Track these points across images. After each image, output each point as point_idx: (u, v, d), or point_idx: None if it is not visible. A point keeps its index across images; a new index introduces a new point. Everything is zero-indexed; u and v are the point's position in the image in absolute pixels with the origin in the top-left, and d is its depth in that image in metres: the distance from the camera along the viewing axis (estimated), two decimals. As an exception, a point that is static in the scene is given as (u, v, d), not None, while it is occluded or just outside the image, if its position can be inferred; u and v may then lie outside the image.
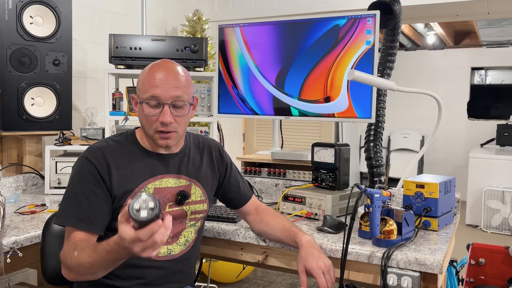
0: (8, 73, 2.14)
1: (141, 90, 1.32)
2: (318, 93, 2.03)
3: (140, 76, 1.35)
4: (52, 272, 1.46)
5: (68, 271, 1.20)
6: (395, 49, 2.06)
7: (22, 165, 2.33)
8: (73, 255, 1.17)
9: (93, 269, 1.13)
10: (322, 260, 1.35)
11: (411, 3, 3.39)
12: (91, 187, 1.28)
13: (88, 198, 1.27)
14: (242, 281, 3.38)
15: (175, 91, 1.29)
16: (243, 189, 1.59)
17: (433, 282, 1.31)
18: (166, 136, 1.32)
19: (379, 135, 2.05)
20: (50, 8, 2.22)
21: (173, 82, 1.29)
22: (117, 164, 1.31)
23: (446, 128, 6.97)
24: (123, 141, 1.38)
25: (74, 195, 1.28)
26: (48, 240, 1.47)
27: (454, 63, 7.07)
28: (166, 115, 1.28)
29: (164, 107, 1.29)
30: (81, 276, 1.19)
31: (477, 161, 5.18)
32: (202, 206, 1.45)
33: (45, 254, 1.47)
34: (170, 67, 1.32)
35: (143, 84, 1.31)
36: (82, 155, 1.33)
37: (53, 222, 1.47)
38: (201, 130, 2.38)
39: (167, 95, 1.28)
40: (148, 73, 1.31)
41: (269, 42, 2.12)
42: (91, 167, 1.29)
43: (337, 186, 1.81)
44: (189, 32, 3.45)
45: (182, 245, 1.41)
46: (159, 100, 1.28)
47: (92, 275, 1.16)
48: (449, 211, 1.69)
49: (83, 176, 1.29)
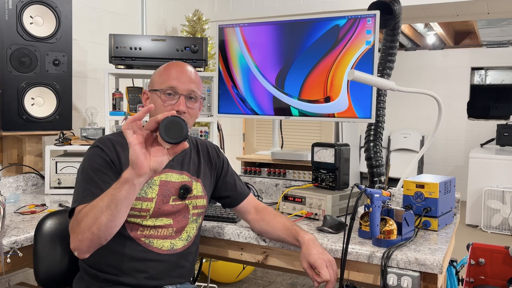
0: (8, 73, 2.14)
1: (157, 82, 1.41)
2: (318, 93, 2.03)
3: (155, 73, 1.45)
4: (45, 275, 1.44)
5: (75, 235, 1.19)
6: (395, 49, 2.06)
7: (22, 165, 2.33)
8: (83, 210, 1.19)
9: (99, 205, 1.14)
10: (325, 254, 1.36)
11: (411, 3, 3.39)
12: (103, 170, 1.31)
13: (102, 179, 1.30)
14: (242, 281, 3.38)
15: (190, 84, 1.40)
16: (240, 187, 1.61)
17: (433, 282, 1.31)
18: None
19: (379, 135, 2.05)
20: (50, 8, 2.22)
21: (189, 77, 1.41)
22: (125, 155, 1.33)
23: (446, 128, 6.98)
24: None
25: (88, 178, 1.30)
26: (40, 242, 1.45)
27: (454, 63, 7.07)
28: (181, 104, 1.38)
29: (180, 97, 1.39)
30: (87, 229, 1.15)
31: (477, 161, 5.18)
32: (202, 201, 1.49)
33: (38, 257, 1.45)
34: (185, 66, 1.45)
35: (160, 76, 1.41)
36: (93, 145, 1.37)
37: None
38: (201, 130, 2.38)
39: (183, 87, 1.39)
40: (166, 68, 1.43)
41: (269, 42, 2.12)
42: (103, 153, 1.33)
43: (337, 186, 1.81)
44: (189, 32, 3.45)
45: (184, 240, 1.44)
46: (176, 90, 1.38)
47: (97, 221, 1.14)
48: (449, 211, 1.69)
49: (94, 161, 1.32)
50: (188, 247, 1.45)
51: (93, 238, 1.17)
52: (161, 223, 1.38)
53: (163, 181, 1.40)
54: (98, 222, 1.14)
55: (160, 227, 1.38)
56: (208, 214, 1.72)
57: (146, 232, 1.36)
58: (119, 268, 1.34)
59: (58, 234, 1.48)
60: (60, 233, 1.47)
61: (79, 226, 1.18)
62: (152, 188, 1.38)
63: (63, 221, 1.49)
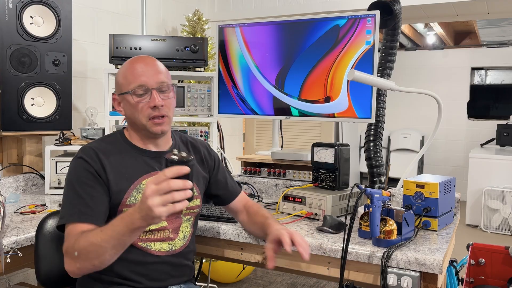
0: (8, 73, 2.14)
1: (124, 84, 1.36)
2: (318, 93, 2.03)
3: (119, 74, 1.39)
4: (46, 275, 1.45)
5: (72, 261, 1.19)
6: (395, 49, 2.06)
7: (22, 165, 2.33)
8: (81, 238, 1.17)
9: (103, 246, 1.13)
10: (287, 229, 1.38)
11: (411, 3, 3.39)
12: (89, 183, 1.29)
13: (88, 193, 1.28)
14: (242, 281, 3.38)
15: (158, 76, 1.35)
16: (231, 185, 1.61)
17: (433, 282, 1.31)
18: (160, 122, 1.35)
19: (379, 135, 2.05)
20: (50, 8, 2.22)
21: (154, 69, 1.36)
22: (111, 163, 1.33)
23: (446, 128, 6.97)
24: (114, 141, 1.40)
25: (73, 194, 1.28)
26: (42, 242, 1.45)
27: (454, 63, 7.07)
28: (156, 99, 1.33)
29: (152, 92, 1.33)
30: (88, 261, 1.17)
31: (477, 161, 5.18)
32: (196, 201, 1.48)
33: (39, 257, 1.44)
34: (147, 58, 1.39)
35: (126, 78, 1.36)
36: (76, 156, 1.34)
37: (56, 226, 1.39)
38: (201, 130, 2.38)
39: (152, 81, 1.34)
40: (128, 67, 1.37)
41: (269, 42, 2.12)
42: (87, 165, 1.30)
43: (337, 186, 1.81)
44: (189, 32, 3.45)
45: (181, 239, 1.43)
46: (145, 87, 1.33)
47: (100, 258, 1.15)
48: (449, 211, 1.69)
49: (80, 174, 1.30)
50: (186, 246, 1.45)
51: (94, 268, 1.19)
52: (157, 226, 1.37)
53: None
54: (102, 258, 1.16)
55: (157, 230, 1.37)
56: (208, 214, 1.72)
57: (143, 236, 1.35)
58: (122, 275, 1.33)
59: (59, 234, 1.46)
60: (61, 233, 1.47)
61: (78, 256, 1.17)
62: (141, 193, 1.35)
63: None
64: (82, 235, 1.19)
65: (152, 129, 1.35)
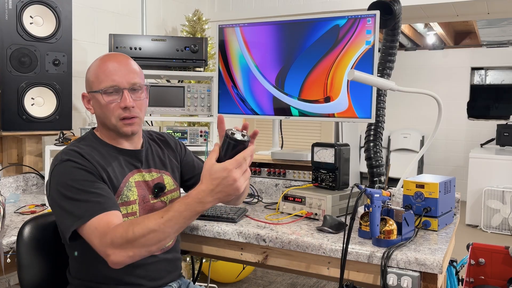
0: (8, 73, 2.14)
1: (95, 82, 1.33)
2: (318, 93, 2.03)
3: (89, 71, 1.35)
4: (31, 285, 1.36)
5: (123, 251, 1.12)
6: (395, 49, 2.06)
7: (22, 165, 2.33)
8: (134, 226, 1.11)
9: (166, 231, 1.11)
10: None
11: (411, 3, 3.38)
12: (89, 179, 1.23)
13: (94, 186, 1.22)
14: (242, 281, 3.38)
15: (131, 76, 1.32)
16: (198, 165, 1.60)
17: (433, 282, 1.31)
18: (130, 122, 1.33)
19: (379, 135, 2.05)
20: (50, 8, 2.22)
21: (127, 68, 1.32)
22: (98, 163, 1.30)
23: (446, 128, 6.97)
24: (90, 143, 1.36)
25: (77, 193, 1.19)
26: (23, 250, 1.36)
27: (454, 63, 7.07)
28: (127, 99, 1.30)
29: (123, 92, 1.31)
30: (145, 247, 1.12)
31: (477, 161, 5.18)
32: (177, 193, 1.49)
33: (21, 266, 1.35)
34: (120, 56, 1.36)
35: (97, 76, 1.32)
36: (61, 160, 1.25)
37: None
38: (201, 130, 2.39)
39: (124, 81, 1.31)
40: (100, 65, 1.33)
41: (269, 42, 2.12)
42: (78, 165, 1.24)
43: (337, 186, 1.81)
44: (189, 32, 3.45)
45: None
46: (117, 86, 1.30)
47: (161, 243, 1.14)
48: (449, 211, 1.69)
49: (75, 174, 1.22)
50: (176, 241, 1.47)
51: (147, 254, 1.16)
52: None
53: (137, 182, 1.38)
54: (162, 243, 1.15)
55: None
56: (208, 214, 1.72)
57: None
58: (121, 280, 1.31)
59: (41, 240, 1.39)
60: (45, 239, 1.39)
61: (132, 245, 1.11)
62: (131, 190, 1.35)
63: (47, 226, 1.41)
64: (129, 223, 1.13)
65: (122, 130, 1.33)
